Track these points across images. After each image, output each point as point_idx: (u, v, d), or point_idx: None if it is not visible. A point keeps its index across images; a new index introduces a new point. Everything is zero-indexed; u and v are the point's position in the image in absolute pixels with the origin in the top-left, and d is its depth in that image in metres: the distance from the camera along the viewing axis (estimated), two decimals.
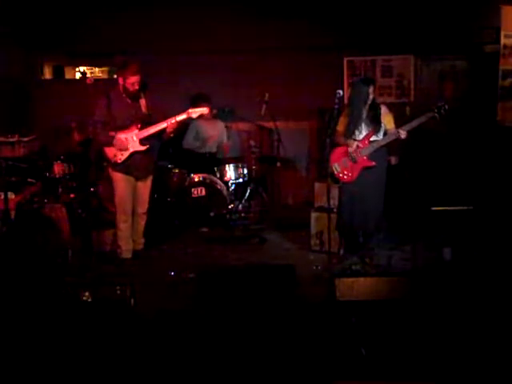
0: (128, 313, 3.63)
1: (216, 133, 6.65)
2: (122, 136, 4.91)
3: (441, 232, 5.13)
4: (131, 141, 4.94)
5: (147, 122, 4.97)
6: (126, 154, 4.95)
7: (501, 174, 5.82)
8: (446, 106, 4.58)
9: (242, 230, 6.15)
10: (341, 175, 4.86)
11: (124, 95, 4.95)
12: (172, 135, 5.09)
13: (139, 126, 4.93)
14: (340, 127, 4.87)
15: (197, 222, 6.09)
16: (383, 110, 4.82)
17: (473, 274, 4.23)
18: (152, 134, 4.98)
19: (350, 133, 4.81)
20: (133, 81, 4.85)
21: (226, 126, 6.82)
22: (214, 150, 6.61)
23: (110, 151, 4.96)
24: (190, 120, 5.27)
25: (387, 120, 4.80)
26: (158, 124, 4.94)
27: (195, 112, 5.03)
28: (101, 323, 3.51)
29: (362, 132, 4.80)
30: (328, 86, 6.22)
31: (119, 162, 4.96)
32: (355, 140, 4.81)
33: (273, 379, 3.04)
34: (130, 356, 3.20)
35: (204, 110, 5.13)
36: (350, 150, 4.79)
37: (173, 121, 4.95)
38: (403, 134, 4.64)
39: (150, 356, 3.22)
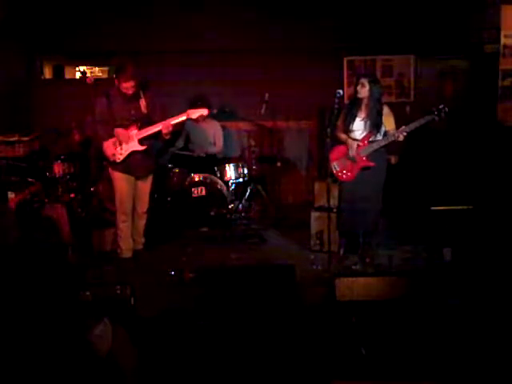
0: (128, 313, 3.63)
1: (211, 133, 6.63)
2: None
3: (441, 232, 5.13)
4: (130, 140, 4.94)
5: (147, 122, 4.97)
6: (124, 154, 4.95)
7: (501, 174, 5.81)
8: (446, 109, 4.58)
9: (242, 229, 6.15)
10: (340, 174, 4.87)
11: (122, 96, 4.95)
12: (168, 137, 5.05)
13: (138, 125, 4.94)
14: (340, 121, 4.90)
15: (197, 222, 6.09)
16: (385, 110, 4.82)
17: (473, 274, 4.22)
18: (151, 134, 4.98)
19: (345, 127, 4.84)
20: (127, 86, 4.82)
21: (223, 127, 6.81)
22: (211, 149, 6.60)
23: (109, 150, 4.96)
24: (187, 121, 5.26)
25: (388, 121, 4.80)
26: (157, 124, 4.94)
27: (195, 112, 5.03)
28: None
29: (362, 131, 4.80)
30: (328, 85, 6.22)
31: (118, 161, 4.96)
32: (355, 139, 4.81)
33: (273, 379, 3.04)
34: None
35: (203, 112, 5.13)
36: (350, 150, 4.80)
37: (172, 121, 4.97)
38: (401, 137, 4.66)
39: (150, 355, 3.22)
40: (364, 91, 4.74)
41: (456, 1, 6.81)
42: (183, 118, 5.02)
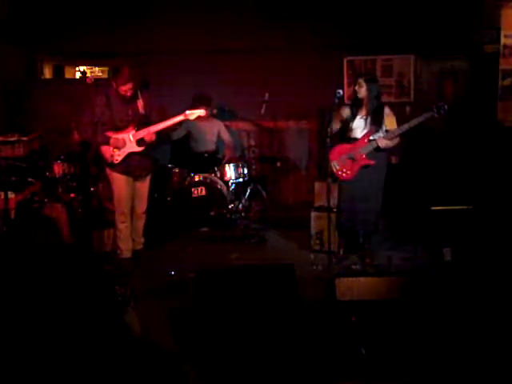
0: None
1: (213, 132, 6.64)
2: (118, 136, 4.93)
3: (441, 232, 5.13)
4: (128, 141, 4.94)
5: (144, 123, 4.98)
6: (122, 155, 4.95)
7: (501, 174, 5.82)
8: (446, 106, 4.58)
9: (242, 229, 6.15)
10: (339, 173, 4.87)
11: (120, 97, 4.95)
12: (154, 143, 5.08)
13: (136, 126, 4.94)
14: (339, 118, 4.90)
15: (197, 222, 6.09)
16: (386, 111, 4.82)
17: (473, 274, 4.23)
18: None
19: (346, 125, 4.86)
20: (125, 88, 4.85)
21: (226, 126, 6.82)
22: (211, 148, 6.60)
23: (106, 151, 4.96)
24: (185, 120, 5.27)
25: (389, 121, 4.81)
26: (155, 125, 4.95)
27: (192, 114, 5.04)
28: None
29: (362, 129, 4.81)
30: (328, 85, 6.22)
31: (116, 162, 4.96)
32: (355, 138, 4.82)
33: (272, 379, 3.04)
34: (129, 356, 3.20)
35: (201, 112, 5.14)
36: (350, 149, 4.82)
37: (170, 122, 4.98)
38: (382, 144, 4.69)
39: (149, 356, 3.22)
40: (362, 91, 4.76)
41: (456, 1, 6.81)
42: (181, 119, 5.04)
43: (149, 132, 4.92)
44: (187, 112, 5.04)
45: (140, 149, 4.97)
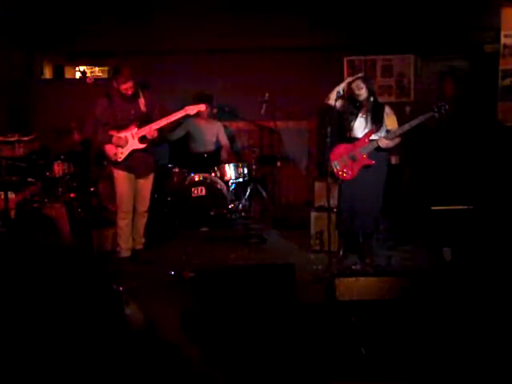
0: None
1: (213, 132, 6.64)
2: (121, 135, 4.95)
3: (441, 232, 5.13)
4: (130, 139, 4.97)
5: (146, 121, 5.00)
6: (126, 153, 4.97)
7: (501, 174, 5.82)
8: (447, 106, 4.58)
9: (242, 229, 6.15)
10: (340, 173, 4.87)
11: (122, 97, 4.97)
12: (156, 140, 5.08)
13: (138, 124, 4.96)
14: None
15: (197, 222, 6.09)
16: (387, 110, 4.82)
17: (473, 274, 4.22)
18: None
19: (347, 125, 4.85)
20: (125, 87, 4.89)
21: (224, 126, 6.82)
22: (211, 149, 6.59)
23: (110, 150, 4.98)
24: (185, 118, 5.28)
25: (390, 121, 4.81)
26: (157, 122, 4.98)
27: (192, 109, 5.06)
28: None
29: (363, 129, 4.80)
30: (328, 85, 6.22)
31: (119, 160, 4.99)
32: (355, 138, 4.82)
33: (272, 379, 3.04)
34: (129, 356, 3.20)
35: (201, 107, 5.17)
36: (351, 148, 4.82)
37: (171, 119, 5.01)
38: (383, 144, 4.68)
39: (149, 356, 3.22)
40: (363, 92, 4.76)
41: (456, 1, 6.81)
42: (181, 114, 5.06)
43: (150, 129, 4.94)
44: (187, 107, 5.07)
45: (142, 146, 4.99)
